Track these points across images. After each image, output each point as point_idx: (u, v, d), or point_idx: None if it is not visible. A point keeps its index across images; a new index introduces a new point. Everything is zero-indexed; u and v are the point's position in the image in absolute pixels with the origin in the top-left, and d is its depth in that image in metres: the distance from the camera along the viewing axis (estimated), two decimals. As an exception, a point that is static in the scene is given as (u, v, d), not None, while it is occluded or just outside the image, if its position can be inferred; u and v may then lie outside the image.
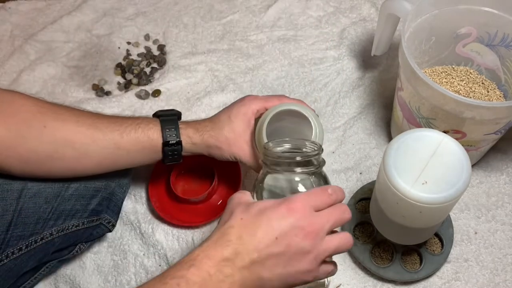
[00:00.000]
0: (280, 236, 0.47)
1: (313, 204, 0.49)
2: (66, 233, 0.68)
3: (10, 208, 0.63)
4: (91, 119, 0.64)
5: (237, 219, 0.49)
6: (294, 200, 0.49)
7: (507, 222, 0.76)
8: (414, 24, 0.72)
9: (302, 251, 0.48)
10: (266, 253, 0.47)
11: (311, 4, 1.05)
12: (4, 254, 0.62)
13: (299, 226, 0.48)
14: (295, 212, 0.48)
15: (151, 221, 0.80)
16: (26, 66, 1.00)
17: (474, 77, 0.81)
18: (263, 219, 0.48)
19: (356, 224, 0.75)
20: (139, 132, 0.65)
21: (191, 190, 0.81)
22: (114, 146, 0.64)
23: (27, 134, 0.60)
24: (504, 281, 0.71)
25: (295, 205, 0.48)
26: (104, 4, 1.09)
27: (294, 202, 0.49)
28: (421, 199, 0.53)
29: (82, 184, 0.69)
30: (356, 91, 0.92)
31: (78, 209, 0.69)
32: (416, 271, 0.70)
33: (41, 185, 0.66)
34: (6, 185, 0.64)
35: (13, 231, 0.63)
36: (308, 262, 0.48)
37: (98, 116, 0.66)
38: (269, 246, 0.47)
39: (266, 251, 0.47)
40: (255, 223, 0.48)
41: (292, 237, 0.47)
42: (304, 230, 0.48)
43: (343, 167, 0.83)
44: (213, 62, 0.98)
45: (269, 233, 0.47)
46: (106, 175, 0.72)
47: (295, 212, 0.48)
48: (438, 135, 0.56)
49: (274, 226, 0.47)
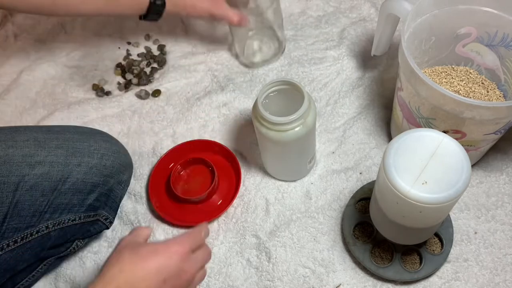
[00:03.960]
0: (167, 279, 0.52)
1: (192, 247, 0.56)
2: (63, 227, 0.69)
3: (6, 200, 0.64)
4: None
5: (127, 263, 0.51)
6: (178, 244, 0.54)
7: (507, 222, 0.76)
8: (414, 24, 0.72)
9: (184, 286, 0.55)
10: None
11: (311, 4, 1.05)
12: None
13: (182, 269, 0.53)
14: (180, 256, 0.53)
15: (151, 221, 0.80)
16: (26, 66, 1.00)
17: (474, 77, 0.81)
18: (151, 262, 0.52)
19: (356, 224, 0.75)
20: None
21: (191, 190, 0.82)
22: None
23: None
24: (504, 281, 0.71)
25: (179, 249, 0.54)
26: (104, 4, 1.09)
27: (178, 246, 0.54)
28: (421, 199, 0.53)
29: (79, 179, 0.69)
30: (356, 91, 0.92)
31: (75, 203, 0.69)
32: (416, 271, 0.70)
33: (38, 179, 0.67)
34: (3, 177, 0.65)
35: (8, 223, 0.64)
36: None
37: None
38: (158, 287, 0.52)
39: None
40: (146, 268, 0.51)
41: (176, 279, 0.53)
42: (186, 273, 0.54)
43: (343, 167, 0.83)
44: (213, 62, 0.98)
45: (158, 277, 0.51)
46: (105, 172, 0.72)
47: (179, 255, 0.53)
48: (438, 135, 0.56)
49: (161, 270, 0.52)
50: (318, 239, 0.76)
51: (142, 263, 0.51)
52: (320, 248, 0.75)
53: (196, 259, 0.56)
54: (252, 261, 0.75)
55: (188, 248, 0.55)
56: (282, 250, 0.76)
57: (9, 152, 0.67)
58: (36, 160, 0.68)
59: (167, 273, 0.52)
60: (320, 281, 0.73)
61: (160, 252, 0.53)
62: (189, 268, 0.54)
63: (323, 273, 0.73)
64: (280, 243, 0.76)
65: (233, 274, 0.75)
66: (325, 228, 0.77)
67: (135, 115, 0.92)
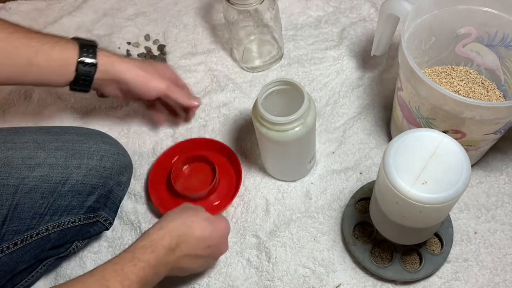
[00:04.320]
0: (211, 246, 0.63)
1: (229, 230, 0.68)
2: (62, 229, 0.69)
3: (6, 202, 0.64)
4: (8, 32, 0.64)
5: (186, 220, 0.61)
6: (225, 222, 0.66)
7: (507, 222, 0.76)
8: (414, 24, 0.72)
9: (213, 259, 0.68)
10: (196, 253, 0.61)
11: (311, 4, 1.05)
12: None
13: (222, 243, 0.66)
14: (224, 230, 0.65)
15: (151, 221, 0.80)
16: (26, 66, 1.00)
17: (474, 77, 0.81)
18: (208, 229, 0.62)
19: (356, 224, 0.75)
20: (55, 50, 0.66)
21: (191, 187, 0.82)
22: (27, 62, 0.65)
23: None
24: (504, 281, 0.71)
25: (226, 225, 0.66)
26: (104, 4, 1.09)
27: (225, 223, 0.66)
28: (421, 199, 0.53)
29: (79, 181, 0.69)
30: (355, 91, 0.92)
31: (75, 205, 0.69)
32: (416, 271, 0.70)
33: (38, 181, 0.66)
34: (2, 180, 0.65)
35: (8, 226, 0.64)
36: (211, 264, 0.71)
37: (17, 30, 0.65)
38: (202, 250, 0.62)
39: (197, 252, 0.61)
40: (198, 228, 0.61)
41: (216, 249, 0.65)
42: (222, 246, 0.67)
43: (343, 167, 0.83)
44: (213, 62, 0.98)
45: (207, 242, 0.62)
46: (104, 173, 0.72)
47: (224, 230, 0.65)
48: (438, 135, 0.56)
49: (213, 238, 0.62)
50: (318, 239, 0.76)
51: (199, 225, 0.61)
52: (320, 248, 0.75)
53: (227, 243, 0.68)
54: (252, 261, 0.75)
55: (229, 229, 0.67)
56: (282, 250, 0.76)
57: (9, 154, 0.67)
58: (35, 162, 0.67)
59: (212, 241, 0.62)
60: (320, 281, 0.73)
61: (214, 222, 0.63)
62: (224, 244, 0.67)
63: (323, 273, 0.73)
64: (280, 243, 0.76)
65: (233, 274, 0.75)
66: (325, 228, 0.77)
67: (135, 115, 0.92)
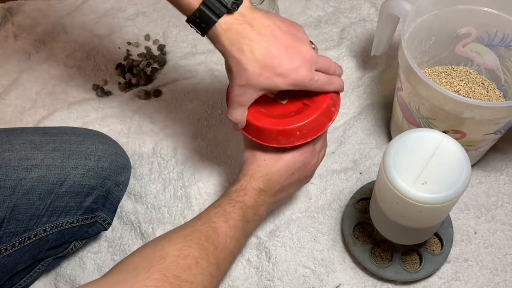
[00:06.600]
0: (294, 172, 0.64)
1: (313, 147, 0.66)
2: (60, 230, 0.69)
3: (3, 204, 0.64)
4: None
5: (262, 160, 0.63)
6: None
7: (507, 222, 0.76)
8: (414, 24, 0.72)
9: (306, 177, 0.68)
10: (285, 184, 0.64)
11: (311, 4, 1.05)
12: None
13: (307, 162, 0.65)
14: (304, 155, 0.64)
15: (151, 221, 0.80)
16: (26, 66, 1.00)
17: (474, 77, 0.81)
18: (282, 160, 0.63)
19: (356, 224, 0.75)
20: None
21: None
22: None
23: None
24: (504, 281, 0.71)
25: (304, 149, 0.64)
26: (104, 4, 1.09)
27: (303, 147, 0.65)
28: (421, 199, 0.53)
29: (76, 181, 0.69)
30: (355, 91, 0.92)
31: (72, 206, 0.69)
32: (416, 271, 0.70)
33: (35, 182, 0.66)
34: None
35: (6, 228, 0.64)
36: (309, 179, 0.70)
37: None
38: (287, 179, 0.64)
39: (285, 183, 0.64)
40: (277, 165, 0.63)
41: (302, 171, 0.65)
42: (309, 163, 0.66)
43: (342, 167, 0.83)
44: (213, 62, 0.98)
45: (288, 171, 0.64)
46: (102, 174, 0.72)
47: (304, 154, 0.64)
48: (438, 135, 0.56)
49: (290, 166, 0.64)
50: (318, 239, 0.76)
51: (274, 162, 0.63)
52: (320, 248, 0.75)
53: (315, 150, 0.66)
54: (252, 261, 0.75)
55: (311, 145, 0.64)
56: (282, 250, 0.76)
57: (6, 155, 0.66)
58: (32, 164, 0.67)
59: (294, 168, 0.64)
60: (320, 281, 0.73)
61: (289, 151, 0.64)
62: (310, 159, 0.65)
63: (323, 273, 0.73)
64: (280, 243, 0.76)
65: (233, 274, 0.75)
66: (325, 228, 0.77)
67: (135, 115, 0.92)
